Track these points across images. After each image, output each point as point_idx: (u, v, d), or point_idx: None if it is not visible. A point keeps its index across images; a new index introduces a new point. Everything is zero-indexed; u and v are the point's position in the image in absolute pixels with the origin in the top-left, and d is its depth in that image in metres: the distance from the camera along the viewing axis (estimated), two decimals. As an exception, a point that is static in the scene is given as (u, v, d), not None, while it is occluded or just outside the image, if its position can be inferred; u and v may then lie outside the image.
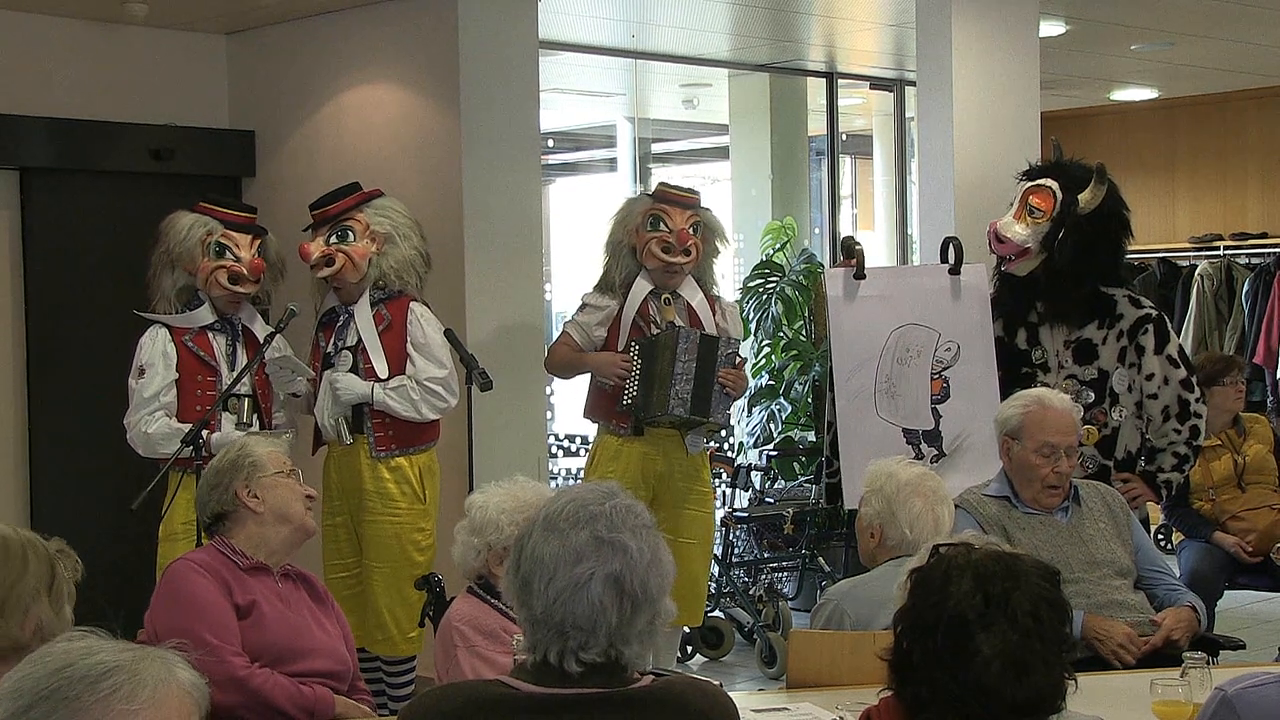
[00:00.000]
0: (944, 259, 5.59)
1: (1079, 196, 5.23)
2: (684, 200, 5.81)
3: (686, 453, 5.77)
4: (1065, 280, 5.24)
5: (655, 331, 5.67)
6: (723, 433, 7.68)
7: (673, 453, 5.75)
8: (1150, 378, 5.24)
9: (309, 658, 3.61)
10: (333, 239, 5.46)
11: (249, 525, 3.65)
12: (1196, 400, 5.29)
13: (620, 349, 5.69)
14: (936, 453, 5.38)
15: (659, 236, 5.69)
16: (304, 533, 3.73)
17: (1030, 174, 5.45)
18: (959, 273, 5.51)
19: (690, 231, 5.71)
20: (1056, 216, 5.24)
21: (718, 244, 5.94)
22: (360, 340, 5.42)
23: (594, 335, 5.76)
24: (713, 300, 5.87)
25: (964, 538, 2.37)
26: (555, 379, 6.52)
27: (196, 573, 3.55)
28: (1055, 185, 5.27)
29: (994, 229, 5.31)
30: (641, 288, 5.72)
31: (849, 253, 5.68)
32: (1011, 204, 5.36)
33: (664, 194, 5.82)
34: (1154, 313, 5.32)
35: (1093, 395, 5.22)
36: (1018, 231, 5.25)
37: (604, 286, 5.79)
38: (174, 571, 3.60)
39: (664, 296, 5.75)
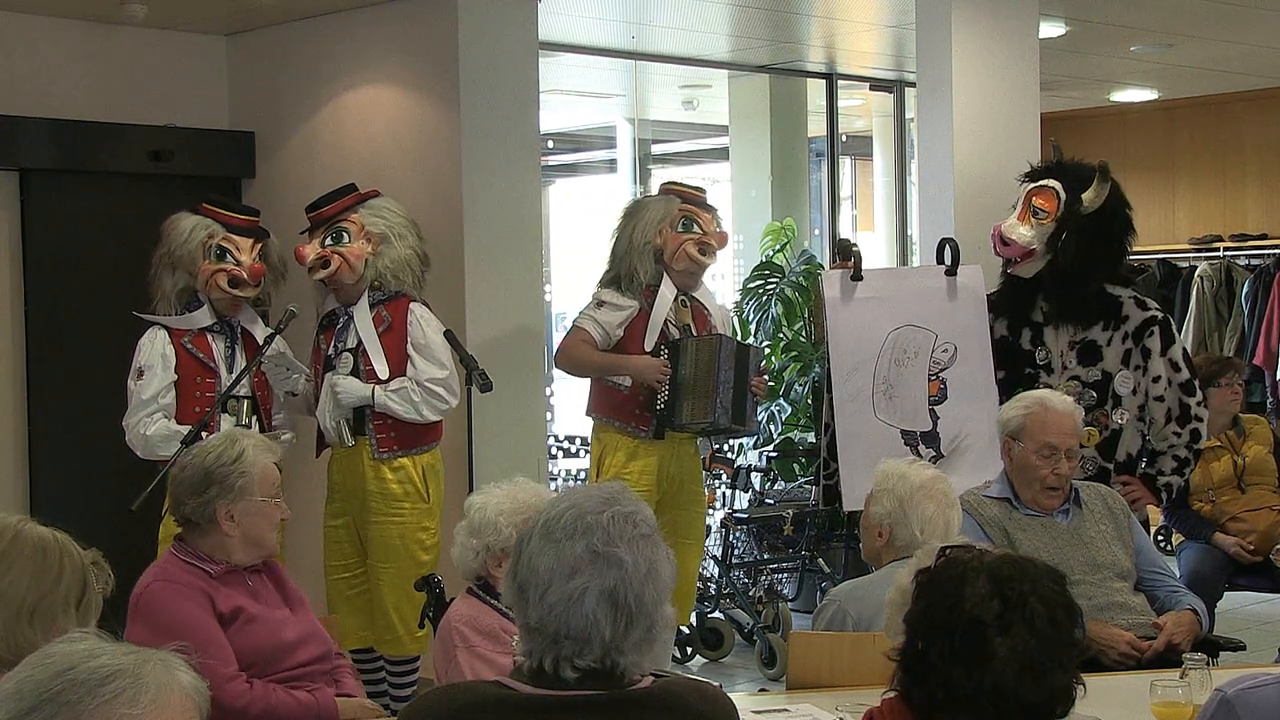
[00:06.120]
0: (940, 260, 5.60)
1: (1082, 196, 5.23)
2: (705, 200, 5.86)
3: (697, 454, 5.79)
4: (1071, 280, 5.22)
5: (676, 335, 5.65)
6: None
7: (685, 456, 5.75)
8: (1156, 380, 5.22)
9: (297, 649, 3.61)
10: (328, 241, 5.46)
11: (216, 538, 3.60)
12: (1198, 404, 5.27)
13: (648, 351, 5.63)
14: (934, 454, 5.37)
15: (695, 238, 5.68)
16: (267, 553, 3.69)
17: (1032, 175, 5.43)
18: (955, 274, 5.51)
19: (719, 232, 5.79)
20: (1061, 217, 5.22)
21: None
22: (360, 342, 5.42)
23: (613, 334, 5.68)
24: (707, 298, 5.92)
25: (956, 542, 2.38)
26: (562, 375, 6.31)
27: (174, 595, 3.48)
28: (1058, 185, 5.26)
29: (998, 231, 5.29)
30: (668, 291, 5.69)
31: (845, 254, 5.68)
32: (1014, 206, 5.34)
33: (687, 194, 5.82)
34: (1160, 314, 5.30)
35: (1095, 397, 5.21)
36: (1022, 233, 5.23)
37: (625, 286, 5.68)
38: (152, 596, 3.51)
39: (679, 299, 5.74)
